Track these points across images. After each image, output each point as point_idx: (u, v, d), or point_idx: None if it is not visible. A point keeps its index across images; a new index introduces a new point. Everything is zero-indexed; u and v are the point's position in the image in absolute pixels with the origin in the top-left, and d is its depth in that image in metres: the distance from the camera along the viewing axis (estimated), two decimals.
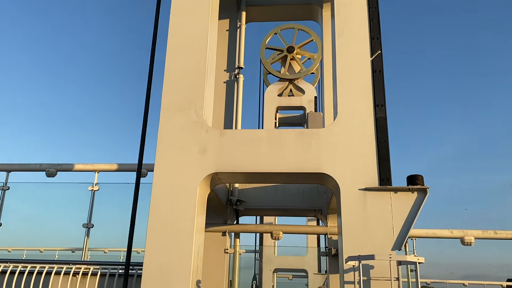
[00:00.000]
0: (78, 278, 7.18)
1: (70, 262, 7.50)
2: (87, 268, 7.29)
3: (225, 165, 6.07)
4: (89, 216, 8.73)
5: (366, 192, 5.72)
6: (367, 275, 5.28)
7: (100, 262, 7.58)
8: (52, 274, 7.21)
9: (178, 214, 5.91)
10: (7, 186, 8.93)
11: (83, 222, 8.83)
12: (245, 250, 13.21)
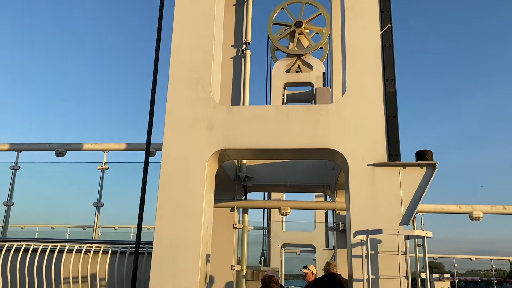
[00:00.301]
0: (90, 256, 7.32)
1: (81, 241, 7.60)
2: (98, 246, 7.41)
3: (233, 141, 6.07)
4: (99, 195, 8.81)
5: (374, 167, 5.71)
6: (375, 250, 5.32)
7: (110, 241, 7.69)
8: (64, 252, 7.34)
9: (187, 190, 5.96)
10: (17, 166, 9.02)
11: (93, 201, 8.92)
12: (253, 226, 13.37)
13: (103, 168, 8.79)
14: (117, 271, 7.07)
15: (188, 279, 5.60)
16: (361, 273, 5.22)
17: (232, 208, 8.58)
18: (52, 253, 7.32)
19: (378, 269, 5.28)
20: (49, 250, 7.32)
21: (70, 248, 7.35)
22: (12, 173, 9.10)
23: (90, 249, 7.34)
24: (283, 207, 8.52)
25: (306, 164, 8.67)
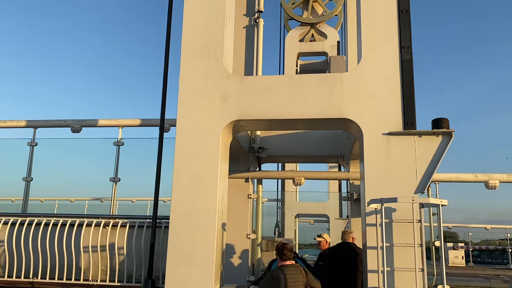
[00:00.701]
0: (108, 229, 7.54)
1: (99, 216, 7.79)
2: (116, 221, 7.61)
3: (246, 112, 6.06)
4: (116, 170, 8.92)
5: (389, 136, 5.66)
6: (389, 218, 5.34)
7: (128, 216, 7.87)
8: (83, 226, 7.56)
9: (202, 162, 6.01)
10: (35, 142, 9.15)
11: (110, 176, 9.05)
12: (267, 198, 13.50)
13: (118, 144, 8.86)
14: (135, 244, 7.27)
15: (205, 247, 5.72)
16: (375, 241, 5.27)
17: (246, 179, 8.66)
18: (71, 227, 7.54)
19: (392, 238, 5.32)
20: (68, 224, 7.54)
21: (89, 222, 7.57)
22: (30, 149, 9.23)
23: (109, 223, 7.54)
24: (297, 178, 8.55)
25: (320, 134, 8.65)
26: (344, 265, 6.66)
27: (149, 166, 7.12)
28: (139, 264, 7.20)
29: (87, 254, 7.42)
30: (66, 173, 13.19)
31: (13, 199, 13.46)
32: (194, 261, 5.69)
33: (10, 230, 7.70)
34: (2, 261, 7.66)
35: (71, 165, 12.79)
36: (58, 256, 7.35)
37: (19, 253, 7.49)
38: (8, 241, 7.62)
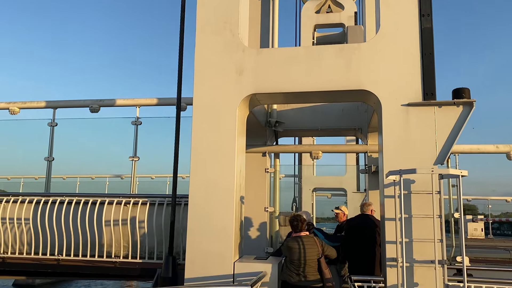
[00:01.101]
0: (129, 207, 7.72)
1: (120, 195, 7.95)
2: (136, 200, 7.77)
3: (263, 85, 6.03)
4: (134, 149, 9.01)
5: (409, 107, 5.58)
6: (408, 190, 5.32)
7: (148, 195, 8.02)
8: (105, 204, 7.75)
9: (219, 136, 6.04)
10: (55, 123, 9.28)
11: (129, 154, 9.15)
12: (284, 174, 13.53)
13: (136, 123, 8.94)
14: (156, 221, 7.44)
15: (224, 220, 5.81)
16: (393, 213, 5.27)
17: (263, 153, 8.69)
18: (93, 205, 7.73)
19: (410, 209, 5.31)
20: (90, 203, 7.74)
21: (110, 201, 7.76)
22: (50, 129, 9.37)
23: (129, 202, 7.72)
24: (314, 151, 8.53)
25: (337, 107, 8.57)
26: (362, 236, 6.70)
27: (167, 144, 7.21)
28: (160, 241, 7.38)
29: (109, 232, 7.63)
30: (86, 152, 13.42)
31: (36, 177, 13.81)
32: (214, 234, 5.80)
33: (34, 208, 7.93)
34: (29, 239, 7.93)
35: (90, 144, 13.01)
36: (82, 234, 7.56)
37: (44, 231, 7.73)
38: (33, 219, 7.87)
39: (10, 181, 16.53)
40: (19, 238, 7.96)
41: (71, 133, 10.89)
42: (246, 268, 5.75)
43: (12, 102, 9.64)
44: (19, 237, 7.96)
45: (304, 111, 8.64)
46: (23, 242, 7.98)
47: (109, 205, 7.70)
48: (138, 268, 7.39)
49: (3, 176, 15.79)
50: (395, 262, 5.16)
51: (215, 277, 5.69)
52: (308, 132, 9.27)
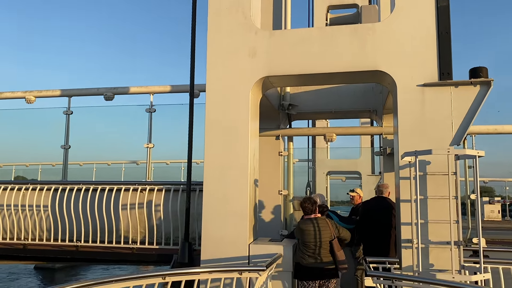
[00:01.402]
0: (145, 193, 7.83)
1: (136, 182, 8.10)
2: (152, 187, 7.87)
3: (276, 68, 5.98)
4: (149, 136, 9.06)
5: (424, 88, 5.48)
6: (423, 171, 5.27)
7: (163, 182, 8.13)
8: (121, 191, 7.87)
9: (232, 119, 6.04)
10: (70, 111, 9.38)
11: (144, 141, 9.21)
12: (298, 159, 13.49)
13: (150, 111, 8.99)
14: (171, 207, 7.54)
15: (238, 202, 5.85)
16: (409, 195, 5.23)
17: (277, 136, 8.66)
18: (110, 192, 7.86)
19: (426, 191, 5.26)
20: (107, 190, 7.86)
21: (126, 188, 7.87)
22: (66, 117, 9.47)
23: (145, 189, 7.83)
24: (328, 134, 8.47)
25: (351, 89, 8.47)
26: (378, 219, 6.68)
27: (181, 130, 7.27)
28: (176, 227, 7.49)
29: (126, 218, 7.76)
30: (102, 140, 13.62)
31: (53, 164, 14.07)
32: (228, 216, 5.85)
33: (53, 196, 8.11)
34: (48, 226, 8.12)
35: (106, 132, 13.19)
36: (99, 220, 7.72)
37: (62, 218, 7.91)
38: (51, 207, 8.04)
39: (28, 168, 16.89)
40: (38, 224, 8.16)
41: (87, 121, 11.04)
42: (261, 250, 5.80)
43: (28, 91, 9.75)
44: (39, 224, 8.15)
45: (317, 94, 8.57)
46: (42, 228, 8.17)
47: (126, 192, 7.83)
48: (155, 254, 7.52)
49: (21, 163, 16.11)
50: (410, 244, 5.14)
51: (230, 258, 5.75)
52: (322, 114, 9.21)
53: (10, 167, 15.82)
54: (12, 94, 9.90)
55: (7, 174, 15.78)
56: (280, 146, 8.67)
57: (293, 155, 9.27)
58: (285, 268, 5.81)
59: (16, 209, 8.28)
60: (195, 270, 4.92)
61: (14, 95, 9.90)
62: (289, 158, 9.15)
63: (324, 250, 5.58)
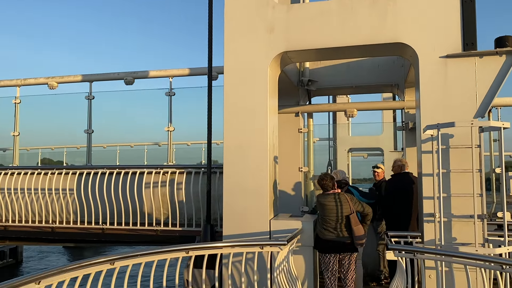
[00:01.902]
0: (168, 175, 8.00)
1: (158, 166, 8.24)
2: (174, 170, 8.01)
3: (294, 42, 5.91)
4: (169, 120, 9.14)
5: (447, 59, 5.34)
6: (446, 144, 5.17)
7: (184, 166, 8.27)
8: (144, 174, 8.05)
9: (251, 96, 6.03)
10: (92, 96, 9.52)
11: (164, 124, 9.26)
12: (319, 138, 13.39)
13: (170, 94, 9.05)
14: (193, 189, 7.71)
15: (258, 179, 5.89)
16: (431, 169, 5.16)
17: (296, 113, 8.61)
18: (134, 175, 8.05)
19: (449, 164, 5.18)
20: (130, 173, 8.05)
21: (149, 172, 8.04)
22: (88, 102, 9.62)
23: (167, 172, 7.98)
24: (349, 109, 8.37)
25: (372, 63, 8.31)
26: (400, 194, 6.64)
27: (201, 112, 7.32)
28: (198, 208, 7.63)
29: (150, 201, 7.92)
30: (123, 124, 13.81)
31: (78, 147, 14.39)
32: (249, 192, 5.90)
33: (78, 179, 8.33)
34: (74, 208, 8.36)
35: (127, 115, 13.37)
36: (123, 203, 7.91)
37: (88, 201, 8.13)
38: (77, 190, 8.27)
39: (54, 151, 17.36)
40: (65, 208, 8.41)
41: (108, 106, 11.18)
42: (282, 226, 5.86)
43: (51, 77, 9.92)
44: (66, 207, 8.40)
45: (337, 69, 8.45)
46: (69, 211, 8.43)
47: (148, 175, 8.00)
48: (178, 235, 7.67)
49: (47, 146, 16.54)
50: (433, 218, 5.10)
51: (251, 234, 5.83)
52: (342, 90, 9.09)
53: (36, 151, 16.24)
54: (35, 81, 10.09)
55: (33, 157, 16.25)
56: (300, 123, 8.63)
57: (313, 132, 9.22)
58: (306, 243, 5.87)
59: (43, 193, 8.54)
60: (217, 244, 5.02)
61: (37, 81, 10.09)
62: (309, 135, 9.12)
63: (343, 225, 5.60)
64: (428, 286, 4.88)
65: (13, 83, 10.10)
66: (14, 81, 10.09)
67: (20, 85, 10.08)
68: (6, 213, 8.71)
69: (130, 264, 4.25)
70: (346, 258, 5.67)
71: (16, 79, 10.13)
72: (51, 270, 3.38)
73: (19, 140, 10.19)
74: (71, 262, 3.71)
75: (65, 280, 3.58)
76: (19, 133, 10.00)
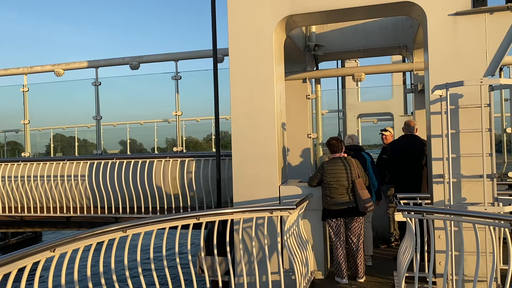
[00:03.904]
0: (178, 161, 8.15)
1: (167, 155, 8.37)
2: (183, 159, 8.14)
3: (299, 5, 5.78)
4: (177, 102, 9.11)
5: (456, 17, 5.19)
6: (455, 104, 5.10)
7: (194, 154, 8.44)
8: (154, 161, 8.20)
9: (257, 63, 5.96)
10: (98, 82, 9.50)
11: (171, 107, 9.28)
12: (328, 110, 13.27)
13: (176, 78, 9.02)
14: (203, 172, 7.89)
15: (266, 146, 5.90)
16: (440, 130, 5.11)
17: (303, 79, 8.53)
18: (144, 163, 8.19)
19: (458, 125, 5.12)
20: (140, 162, 8.19)
21: (158, 160, 8.19)
22: (95, 89, 9.62)
23: (177, 160, 8.14)
24: (357, 73, 8.26)
25: (380, 24, 8.12)
26: (409, 157, 6.61)
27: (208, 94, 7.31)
28: (208, 192, 7.79)
29: (160, 187, 8.04)
30: (132, 107, 13.91)
31: (89, 126, 14.57)
32: (257, 159, 5.93)
33: (90, 167, 8.50)
34: (87, 195, 8.52)
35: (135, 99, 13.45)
36: (134, 190, 8.08)
37: (99, 188, 8.30)
38: (88, 177, 8.42)
39: (65, 130, 17.67)
40: (79, 194, 8.57)
41: (115, 91, 11.21)
42: (291, 191, 5.90)
43: (56, 64, 9.92)
44: (79, 194, 8.57)
45: (344, 32, 8.28)
46: (83, 197, 8.58)
47: (159, 163, 8.16)
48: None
49: (58, 126, 16.82)
50: (442, 179, 5.09)
51: (261, 200, 5.90)
52: (350, 54, 8.93)
53: (48, 130, 16.52)
54: (42, 68, 10.12)
55: (45, 136, 16.54)
56: (308, 89, 8.56)
57: (321, 98, 9.15)
58: (315, 207, 5.92)
59: (55, 180, 8.70)
60: (228, 210, 5.09)
61: (43, 69, 10.12)
62: (317, 101, 9.05)
63: (350, 189, 5.63)
64: (438, 246, 4.93)
65: (20, 71, 10.17)
66: (21, 69, 10.15)
67: (27, 73, 10.14)
68: (21, 199, 8.92)
69: (142, 231, 4.33)
70: (354, 222, 5.72)
71: (23, 67, 10.20)
72: (65, 238, 3.46)
73: (29, 128, 10.34)
74: (85, 230, 3.80)
75: (79, 248, 3.67)
76: (29, 121, 10.12)
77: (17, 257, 2.97)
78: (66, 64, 9.90)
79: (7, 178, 9.10)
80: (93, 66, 9.57)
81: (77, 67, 9.86)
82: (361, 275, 5.71)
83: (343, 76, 12.13)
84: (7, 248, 14.99)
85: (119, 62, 9.62)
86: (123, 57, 9.47)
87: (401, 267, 4.73)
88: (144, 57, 9.35)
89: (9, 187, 9.01)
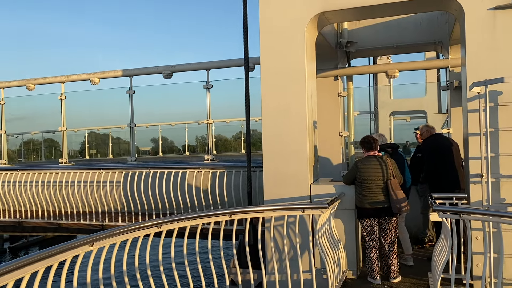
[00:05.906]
0: (210, 171, 8.29)
1: (199, 165, 8.49)
2: (215, 170, 8.25)
3: (331, 2, 5.72)
4: (208, 111, 9.26)
5: (496, 11, 5.01)
6: (494, 102, 4.93)
7: (225, 165, 8.46)
8: (187, 172, 8.32)
9: (288, 61, 5.94)
10: (132, 90, 9.70)
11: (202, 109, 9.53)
12: (359, 112, 13.10)
13: (207, 87, 9.08)
14: (234, 181, 7.95)
15: (298, 144, 5.87)
16: (478, 128, 4.96)
17: (335, 76, 8.45)
18: (177, 173, 8.30)
19: (497, 123, 4.95)
20: (174, 172, 8.30)
21: (191, 171, 8.29)
22: (129, 97, 9.83)
23: (209, 172, 8.24)
24: (390, 70, 8.10)
25: (414, 20, 7.94)
26: (443, 155, 6.46)
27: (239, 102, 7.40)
28: (239, 201, 7.84)
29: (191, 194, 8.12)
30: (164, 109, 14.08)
31: (122, 127, 15.03)
32: (289, 157, 5.91)
33: (125, 175, 8.68)
34: (121, 202, 8.67)
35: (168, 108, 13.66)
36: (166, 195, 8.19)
37: (132, 194, 8.40)
38: (123, 184, 8.58)
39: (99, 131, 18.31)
40: (113, 201, 8.71)
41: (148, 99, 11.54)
42: (323, 190, 5.86)
43: (92, 73, 10.22)
44: (113, 201, 8.71)
45: (377, 28, 8.14)
46: (117, 202, 8.74)
47: (191, 172, 8.28)
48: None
49: (92, 128, 17.40)
50: (480, 178, 4.94)
51: (292, 198, 5.88)
52: (382, 50, 8.78)
53: (83, 131, 17.14)
54: (78, 77, 10.47)
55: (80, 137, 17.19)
56: (339, 86, 8.47)
57: (353, 96, 9.03)
58: (347, 207, 5.86)
59: (91, 186, 8.80)
60: (259, 208, 5.10)
61: (80, 78, 10.47)
62: (349, 99, 8.93)
63: (383, 188, 5.53)
64: (475, 248, 4.79)
65: (58, 80, 10.56)
66: (59, 78, 10.53)
67: (64, 81, 10.52)
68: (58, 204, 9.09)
69: (176, 227, 4.41)
70: (388, 223, 5.62)
71: (60, 76, 10.58)
72: (103, 233, 3.58)
73: (66, 135, 10.69)
74: (122, 226, 3.90)
75: (116, 242, 3.78)
76: (66, 128, 10.44)
77: (58, 251, 3.08)
78: (102, 73, 10.21)
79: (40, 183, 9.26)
80: (127, 75, 9.82)
81: (112, 76, 10.16)
82: (394, 276, 5.61)
83: (376, 73, 11.93)
84: (43, 243, 15.64)
85: (153, 71, 9.86)
86: (157, 66, 9.77)
87: (436, 269, 4.62)
88: (177, 66, 9.57)
89: (47, 192, 9.15)
